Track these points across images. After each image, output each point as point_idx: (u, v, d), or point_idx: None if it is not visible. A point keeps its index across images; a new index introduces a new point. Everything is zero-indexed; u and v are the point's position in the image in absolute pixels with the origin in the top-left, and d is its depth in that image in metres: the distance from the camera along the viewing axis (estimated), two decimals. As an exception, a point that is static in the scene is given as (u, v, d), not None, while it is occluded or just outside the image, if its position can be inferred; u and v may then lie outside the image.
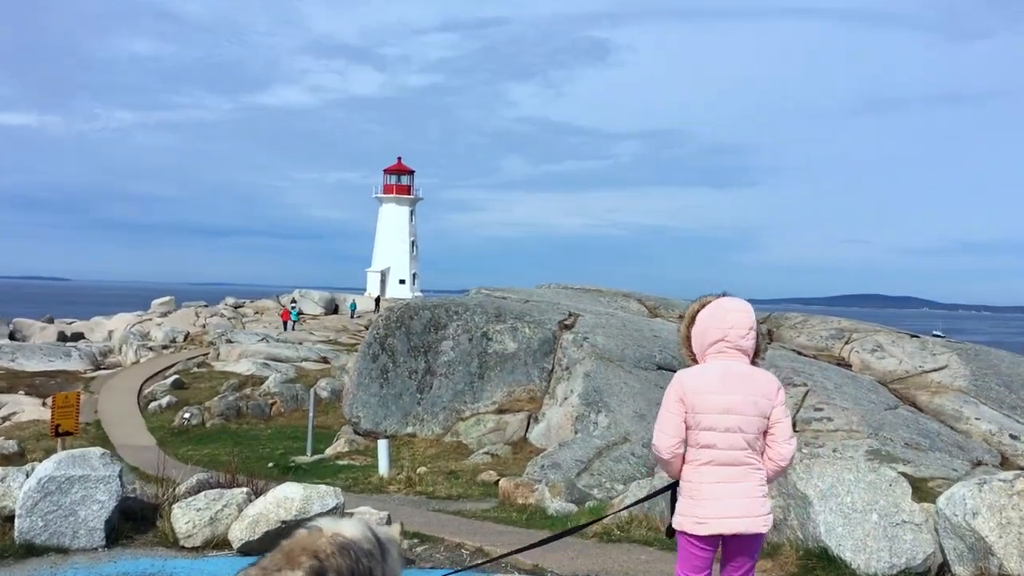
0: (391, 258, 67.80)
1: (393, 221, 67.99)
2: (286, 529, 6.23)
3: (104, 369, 38.16)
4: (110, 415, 27.23)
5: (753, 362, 4.16)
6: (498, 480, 13.68)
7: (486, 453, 17.10)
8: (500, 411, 18.48)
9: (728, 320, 4.07)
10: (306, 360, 36.99)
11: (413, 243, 68.50)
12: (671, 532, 4.15)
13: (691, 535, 3.97)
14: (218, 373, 33.99)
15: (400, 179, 68.96)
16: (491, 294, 22.35)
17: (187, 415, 25.62)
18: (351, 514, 6.71)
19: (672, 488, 4.16)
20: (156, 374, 34.72)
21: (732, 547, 4.00)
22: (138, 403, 29.57)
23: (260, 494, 6.81)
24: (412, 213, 68.65)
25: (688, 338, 4.19)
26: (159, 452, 20.42)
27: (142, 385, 32.39)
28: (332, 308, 61.16)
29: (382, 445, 15.79)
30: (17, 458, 19.36)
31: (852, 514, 5.81)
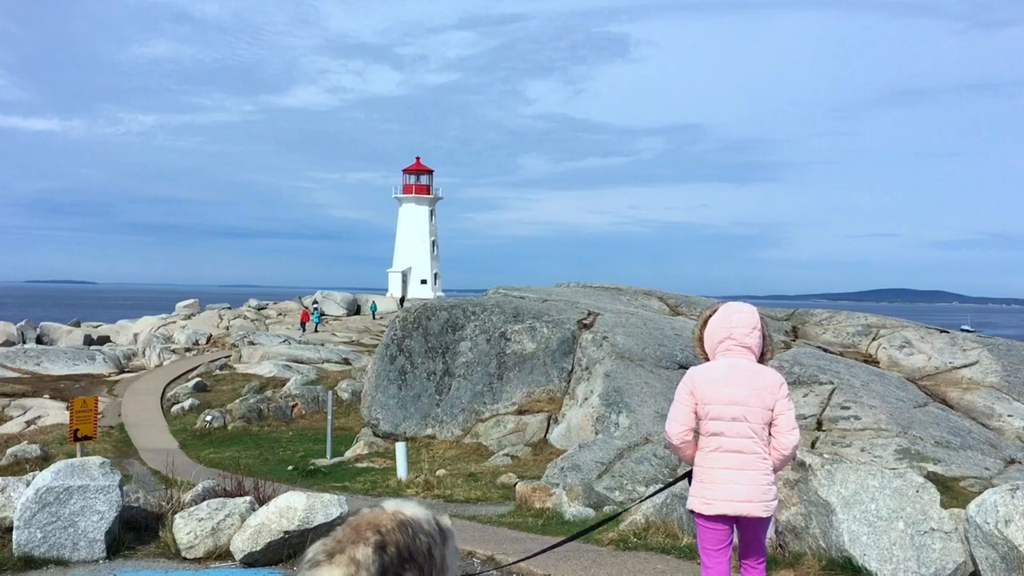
0: (412, 258, 67.74)
1: (413, 221, 67.91)
2: (287, 540, 6.06)
3: (128, 372, 38.39)
4: (133, 418, 27.33)
5: (761, 362, 4.60)
6: (517, 483, 13.47)
7: (506, 455, 16.88)
8: (520, 412, 18.26)
9: (733, 319, 4.57)
10: (328, 361, 36.98)
11: (434, 243, 68.40)
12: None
13: (700, 514, 4.47)
14: (240, 375, 34.06)
15: (419, 178, 68.89)
16: (509, 294, 22.12)
17: (209, 418, 25.65)
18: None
19: (689, 475, 4.64)
20: (179, 377, 34.87)
21: (742, 529, 4.48)
22: (161, 406, 29.68)
23: (266, 502, 6.63)
24: (432, 213, 68.53)
25: (700, 339, 4.72)
26: (173, 457, 20.40)
27: (165, 388, 32.53)
28: (354, 309, 61.24)
29: (400, 448, 15.62)
30: (40, 462, 19.41)
31: (877, 522, 5.51)
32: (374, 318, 56.59)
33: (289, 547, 6.09)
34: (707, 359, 4.64)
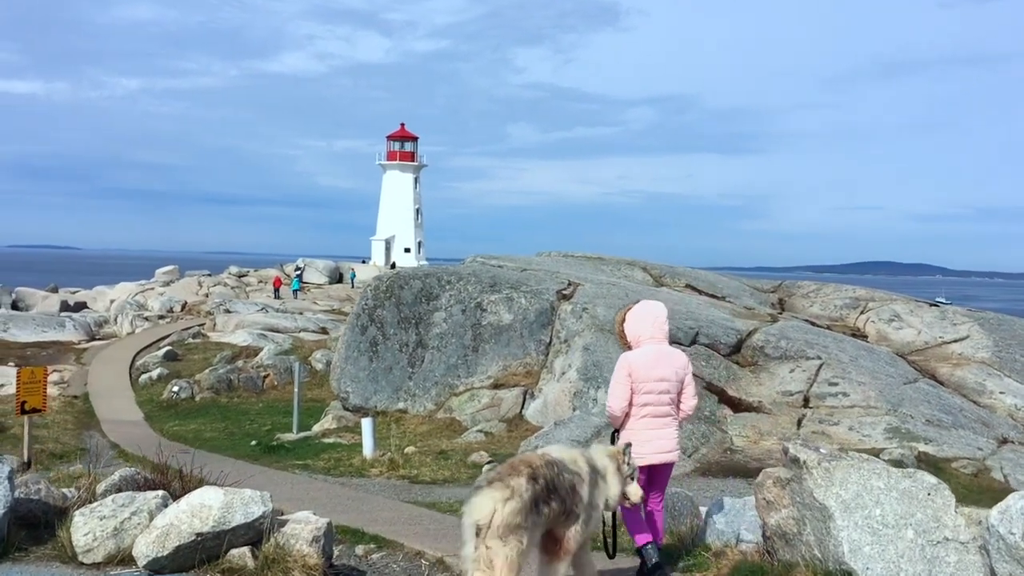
0: (395, 226, 66.64)
1: (397, 188, 66.75)
2: (200, 543, 5.23)
3: (99, 340, 37.36)
4: (100, 387, 26.40)
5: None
6: (489, 461, 12.72)
7: (480, 431, 16.13)
8: (495, 386, 17.47)
9: (654, 313, 5.98)
10: (304, 331, 36.07)
11: (418, 211, 67.28)
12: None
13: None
14: (213, 344, 33.11)
15: (404, 145, 67.60)
16: (486, 262, 21.24)
17: (176, 388, 24.76)
18: (285, 522, 5.70)
19: (613, 435, 5.95)
20: (150, 345, 33.88)
21: (656, 473, 5.89)
22: (129, 375, 28.75)
23: (184, 495, 5.80)
24: (416, 180, 67.35)
25: (622, 333, 6.09)
26: (131, 429, 19.55)
27: (135, 356, 31.56)
28: (336, 277, 60.35)
29: (366, 424, 14.81)
30: (-2, 434, 18.50)
31: (882, 530, 4.74)
32: (352, 286, 55.67)
33: (203, 551, 5.26)
34: (629, 347, 5.95)
